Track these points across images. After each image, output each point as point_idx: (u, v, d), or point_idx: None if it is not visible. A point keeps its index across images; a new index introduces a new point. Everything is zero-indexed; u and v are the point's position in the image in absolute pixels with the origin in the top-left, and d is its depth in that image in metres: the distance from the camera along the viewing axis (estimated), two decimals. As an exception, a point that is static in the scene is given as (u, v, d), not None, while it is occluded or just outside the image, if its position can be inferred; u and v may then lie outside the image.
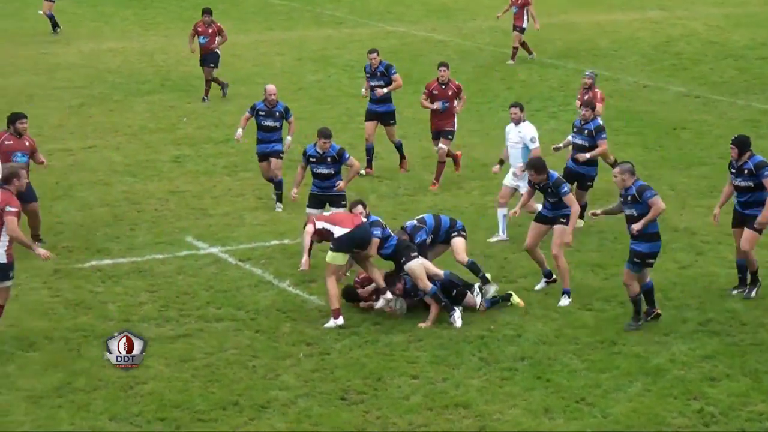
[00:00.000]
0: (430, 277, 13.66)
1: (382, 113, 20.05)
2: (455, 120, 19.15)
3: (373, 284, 14.05)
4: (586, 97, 18.09)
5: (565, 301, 14.17)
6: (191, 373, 12.39)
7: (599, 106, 18.30)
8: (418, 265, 13.63)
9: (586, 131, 16.80)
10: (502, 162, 17.08)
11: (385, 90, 19.79)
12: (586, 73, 19.15)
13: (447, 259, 14.79)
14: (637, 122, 22.67)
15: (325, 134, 16.03)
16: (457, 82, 19.57)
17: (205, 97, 24.35)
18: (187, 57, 28.12)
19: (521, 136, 16.67)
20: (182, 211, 17.80)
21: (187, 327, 13.64)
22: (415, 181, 19.53)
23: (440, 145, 18.77)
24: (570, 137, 17.23)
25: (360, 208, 14.39)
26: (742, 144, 14.30)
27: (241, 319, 13.84)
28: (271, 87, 18.31)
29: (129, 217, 17.43)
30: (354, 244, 13.73)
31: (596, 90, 18.99)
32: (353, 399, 11.79)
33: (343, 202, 16.02)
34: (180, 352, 12.90)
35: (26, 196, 14.46)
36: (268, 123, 17.99)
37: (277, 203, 17.80)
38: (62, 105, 23.29)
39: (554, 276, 14.59)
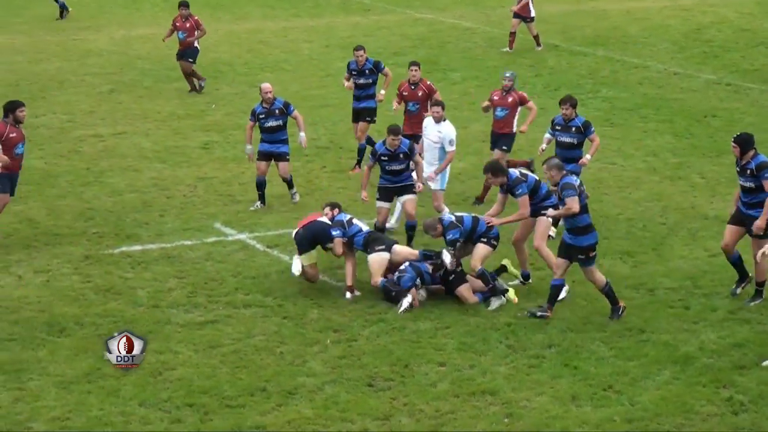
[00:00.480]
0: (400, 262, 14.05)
1: (361, 109, 19.47)
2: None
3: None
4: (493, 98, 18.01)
5: (563, 294, 13.94)
6: (219, 359, 12.45)
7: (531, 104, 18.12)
8: (375, 260, 14.03)
9: (573, 128, 16.38)
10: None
11: (383, 91, 19.30)
12: (506, 74, 18.45)
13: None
14: (667, 110, 22.55)
15: (394, 131, 15.86)
16: (429, 83, 18.75)
17: (196, 90, 24.13)
18: (215, 43, 28.23)
19: (441, 136, 16.47)
20: (211, 198, 17.87)
21: (215, 313, 13.71)
22: None
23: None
24: (548, 135, 16.79)
25: (327, 209, 14.57)
26: (744, 142, 13.80)
27: (269, 306, 13.88)
28: (266, 85, 17.87)
29: (158, 204, 17.52)
30: (308, 240, 14.13)
31: (518, 92, 18.34)
32: (380, 386, 11.82)
33: (414, 189, 15.99)
34: (208, 338, 12.98)
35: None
36: (270, 124, 17.43)
37: (293, 194, 17.72)
38: (93, 91, 23.43)
39: (530, 279, 14.54)
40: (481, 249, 14.17)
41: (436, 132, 16.49)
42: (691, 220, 16.06)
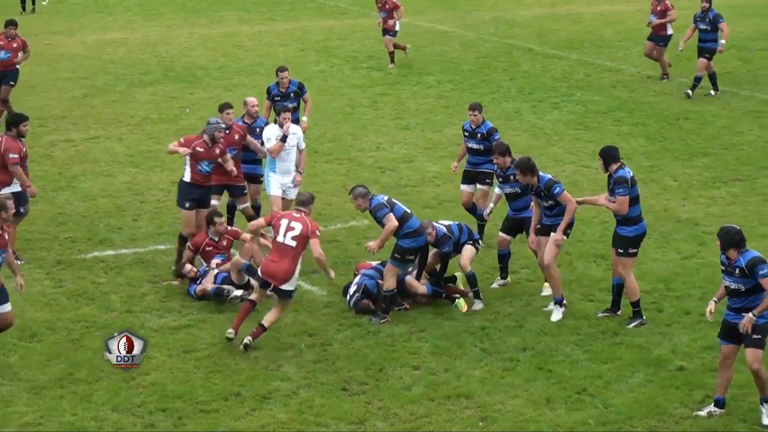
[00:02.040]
0: None
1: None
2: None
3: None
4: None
5: (557, 314, 13.69)
6: (193, 364, 12.47)
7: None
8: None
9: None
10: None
11: (305, 118, 17.87)
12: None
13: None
14: (640, 113, 22.68)
15: (475, 107, 16.11)
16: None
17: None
18: (190, 47, 28.18)
19: (297, 137, 15.91)
20: (184, 202, 17.72)
21: (189, 318, 13.72)
22: (417, 172, 19.46)
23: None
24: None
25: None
26: (606, 155, 13.50)
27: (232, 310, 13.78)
28: (251, 99, 16.77)
29: (132, 208, 17.49)
30: None
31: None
32: (355, 390, 11.86)
33: (488, 180, 16.01)
34: (182, 342, 12.98)
35: None
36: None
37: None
38: (65, 96, 23.31)
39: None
40: (468, 251, 14.30)
41: (292, 135, 15.80)
42: (664, 222, 16.14)
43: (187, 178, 15.05)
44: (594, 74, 26.09)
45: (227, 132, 15.34)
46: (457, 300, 14.04)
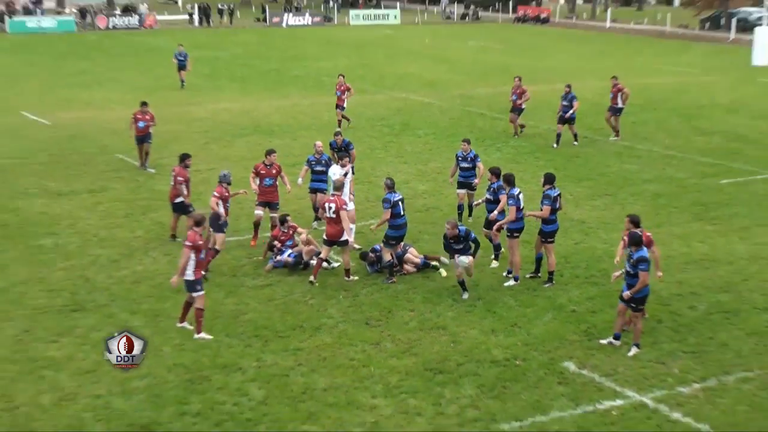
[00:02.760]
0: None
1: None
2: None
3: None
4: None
5: (511, 282, 13.46)
6: (273, 307, 12.57)
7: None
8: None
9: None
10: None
11: (351, 165, 15.80)
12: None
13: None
14: (551, 153, 22.34)
15: (467, 141, 16.15)
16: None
17: None
18: (270, 113, 28.01)
19: (349, 171, 15.27)
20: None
21: (270, 279, 13.64)
22: (412, 190, 18.73)
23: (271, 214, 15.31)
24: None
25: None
26: (546, 178, 13.38)
27: (303, 274, 13.75)
28: (318, 143, 16.12)
29: (234, 211, 15.66)
30: None
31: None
32: (373, 324, 12.00)
33: (473, 187, 16.11)
34: (267, 294, 13.05)
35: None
36: (319, 168, 15.79)
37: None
38: (195, 143, 22.60)
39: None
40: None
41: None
42: (564, 222, 16.18)
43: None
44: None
45: (269, 167, 15.13)
46: (439, 269, 13.88)
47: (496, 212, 13.89)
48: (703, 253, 15.07)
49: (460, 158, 16.23)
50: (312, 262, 13.90)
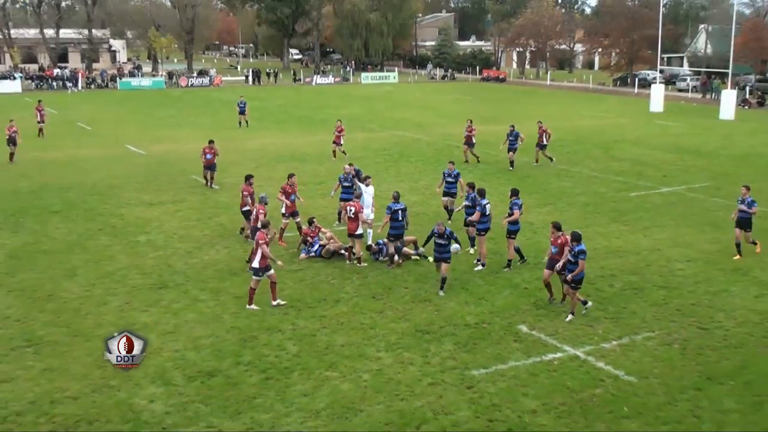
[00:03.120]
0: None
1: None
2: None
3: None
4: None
5: (479, 267, 13.09)
6: (304, 286, 12.40)
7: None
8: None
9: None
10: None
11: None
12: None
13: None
14: (509, 175, 22.18)
15: (452, 162, 15.90)
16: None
17: None
18: (301, 145, 27.78)
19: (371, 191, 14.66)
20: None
21: (300, 266, 13.42)
22: (406, 200, 18.53)
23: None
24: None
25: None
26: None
27: (328, 262, 13.57)
28: (347, 166, 15.75)
29: (275, 216, 16.07)
30: None
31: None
32: (378, 297, 11.86)
33: (454, 195, 15.63)
34: (299, 276, 12.88)
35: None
36: (346, 184, 15.29)
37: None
38: (248, 167, 22.33)
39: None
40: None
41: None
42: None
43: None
44: (487, 156, 25.79)
45: (292, 186, 14.57)
46: (428, 257, 13.40)
47: (473, 218, 13.35)
48: (618, 246, 14.91)
49: (446, 174, 16.01)
50: (342, 252, 13.68)
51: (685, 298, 11.91)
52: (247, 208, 14.91)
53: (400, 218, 13.36)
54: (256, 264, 11.03)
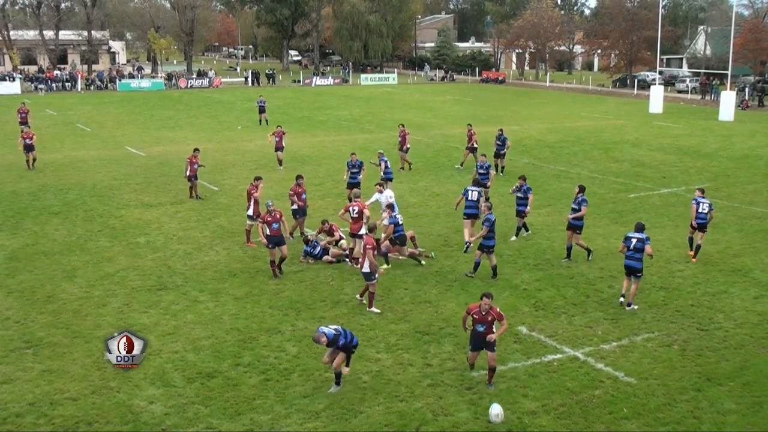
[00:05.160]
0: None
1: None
2: None
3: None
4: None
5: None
6: (304, 287, 12.40)
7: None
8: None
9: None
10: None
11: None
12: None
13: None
14: (503, 178, 22.24)
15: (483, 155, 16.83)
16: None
17: None
18: (302, 147, 27.64)
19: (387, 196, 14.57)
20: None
21: (302, 267, 13.37)
22: (404, 201, 18.21)
23: None
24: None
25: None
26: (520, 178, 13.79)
27: (324, 267, 13.44)
28: (354, 155, 17.03)
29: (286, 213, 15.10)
30: None
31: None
32: (378, 298, 11.71)
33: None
34: (299, 278, 12.84)
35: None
36: (354, 170, 16.72)
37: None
38: (248, 168, 22.40)
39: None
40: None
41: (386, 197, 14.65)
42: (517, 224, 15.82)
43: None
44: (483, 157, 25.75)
45: (299, 187, 14.59)
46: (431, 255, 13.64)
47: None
48: (618, 247, 14.52)
49: (479, 167, 17.35)
50: (345, 259, 13.52)
51: (684, 299, 11.93)
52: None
53: (400, 222, 13.50)
54: (367, 269, 10.92)
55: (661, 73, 52.70)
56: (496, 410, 8.04)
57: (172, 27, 69.58)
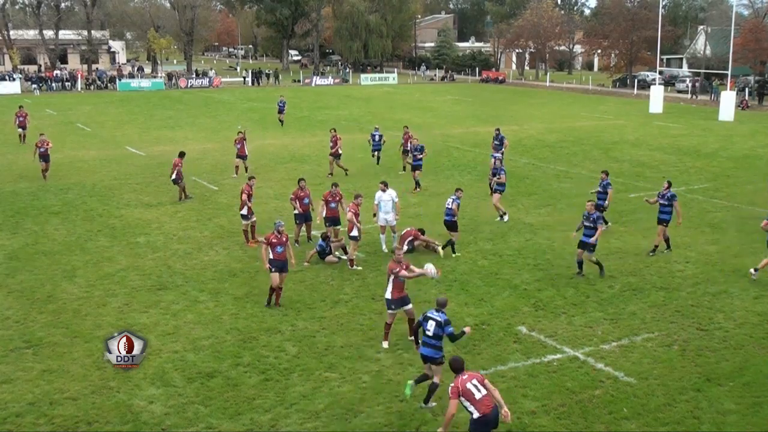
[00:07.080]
0: None
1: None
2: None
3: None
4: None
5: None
6: (304, 287, 12.39)
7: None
8: None
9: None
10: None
11: None
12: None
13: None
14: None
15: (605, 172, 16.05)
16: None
17: None
18: (300, 147, 27.59)
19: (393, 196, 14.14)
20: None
21: (300, 267, 13.18)
22: (407, 201, 18.13)
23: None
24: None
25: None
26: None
27: (324, 264, 13.49)
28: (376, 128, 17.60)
29: (287, 212, 15.89)
30: None
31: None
32: (378, 299, 11.74)
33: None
34: (299, 277, 12.76)
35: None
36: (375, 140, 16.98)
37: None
38: (248, 168, 23.03)
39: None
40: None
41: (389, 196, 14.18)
42: (517, 225, 15.78)
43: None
44: (481, 159, 25.72)
45: (301, 191, 14.25)
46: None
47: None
48: (617, 247, 14.89)
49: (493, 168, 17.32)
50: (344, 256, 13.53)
51: (684, 299, 11.92)
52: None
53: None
54: (355, 233, 10.82)
55: (661, 73, 52.70)
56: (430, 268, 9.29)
57: (172, 27, 69.60)
